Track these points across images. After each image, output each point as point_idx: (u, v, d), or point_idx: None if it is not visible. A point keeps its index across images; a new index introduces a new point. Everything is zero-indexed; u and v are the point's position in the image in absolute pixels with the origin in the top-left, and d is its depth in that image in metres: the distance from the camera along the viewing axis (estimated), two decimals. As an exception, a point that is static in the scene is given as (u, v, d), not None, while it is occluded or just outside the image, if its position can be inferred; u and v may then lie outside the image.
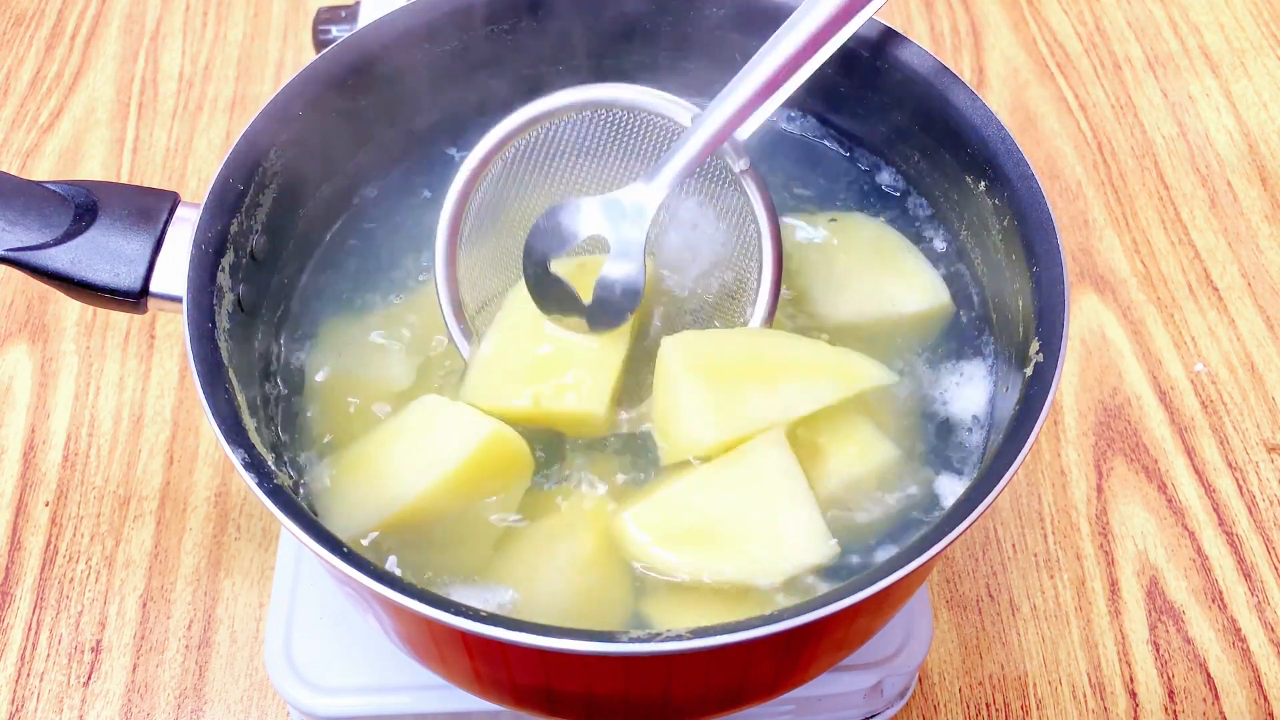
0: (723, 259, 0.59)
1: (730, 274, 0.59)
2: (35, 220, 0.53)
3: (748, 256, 0.58)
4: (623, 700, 0.52)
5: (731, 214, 0.58)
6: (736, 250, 0.59)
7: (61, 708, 0.68)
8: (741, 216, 0.58)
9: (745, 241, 0.58)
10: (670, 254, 0.59)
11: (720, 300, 0.59)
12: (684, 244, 0.59)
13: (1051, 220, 0.52)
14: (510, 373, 0.56)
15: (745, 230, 0.58)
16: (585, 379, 0.55)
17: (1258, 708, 0.69)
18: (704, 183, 0.59)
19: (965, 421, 0.58)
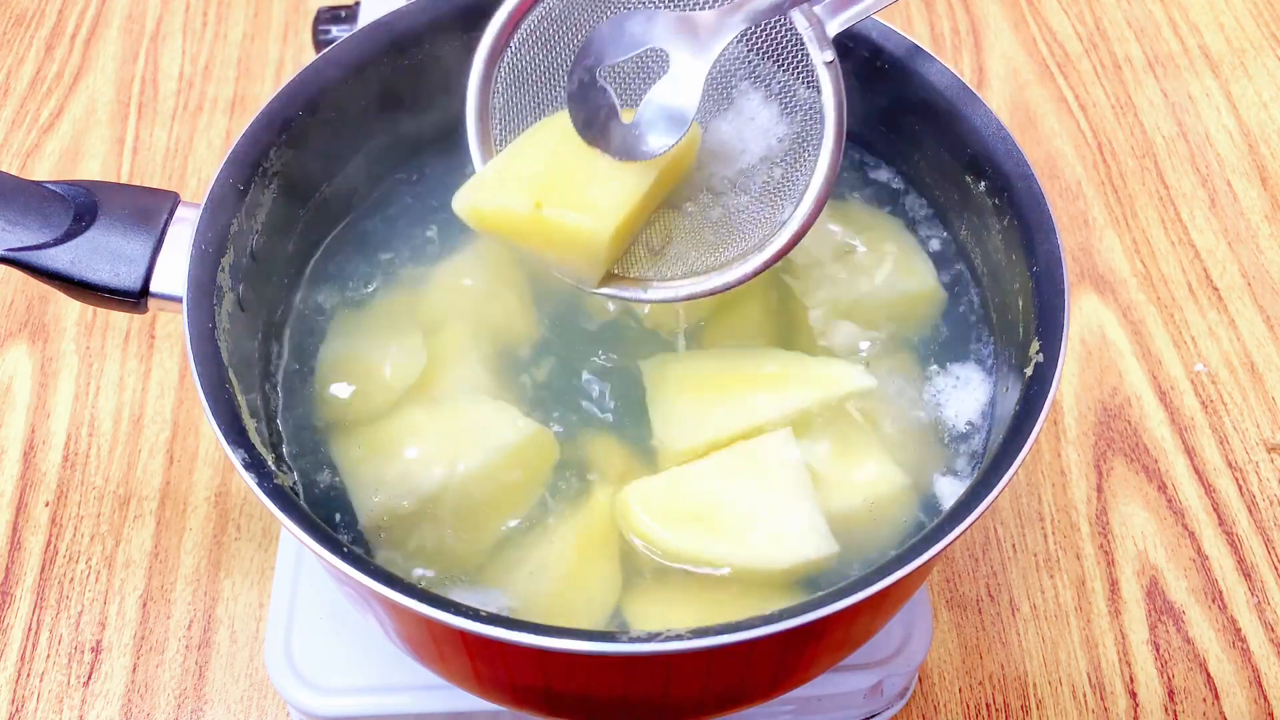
0: (774, 156, 0.56)
1: (779, 171, 0.55)
2: (35, 220, 0.53)
3: (801, 158, 0.55)
4: (622, 700, 0.52)
5: (798, 111, 0.55)
6: (792, 150, 0.55)
7: (61, 708, 0.68)
8: (808, 115, 0.54)
9: (804, 145, 0.55)
10: (720, 142, 0.56)
11: (759, 197, 0.55)
12: (737, 135, 0.56)
13: (1051, 220, 0.52)
14: (517, 177, 0.52)
15: (808, 129, 0.55)
16: (596, 197, 0.51)
17: (1258, 708, 0.69)
18: (779, 71, 0.55)
19: (965, 421, 0.58)
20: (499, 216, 0.51)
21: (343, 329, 0.61)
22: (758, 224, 0.54)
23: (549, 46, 0.56)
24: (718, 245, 0.55)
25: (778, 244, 0.53)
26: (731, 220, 0.55)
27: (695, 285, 0.54)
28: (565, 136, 0.52)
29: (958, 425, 0.58)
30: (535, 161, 0.52)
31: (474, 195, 0.52)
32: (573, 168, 0.51)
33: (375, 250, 0.64)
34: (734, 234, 0.54)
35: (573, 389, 0.59)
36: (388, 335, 0.60)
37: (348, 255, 0.64)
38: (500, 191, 0.51)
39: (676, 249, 0.55)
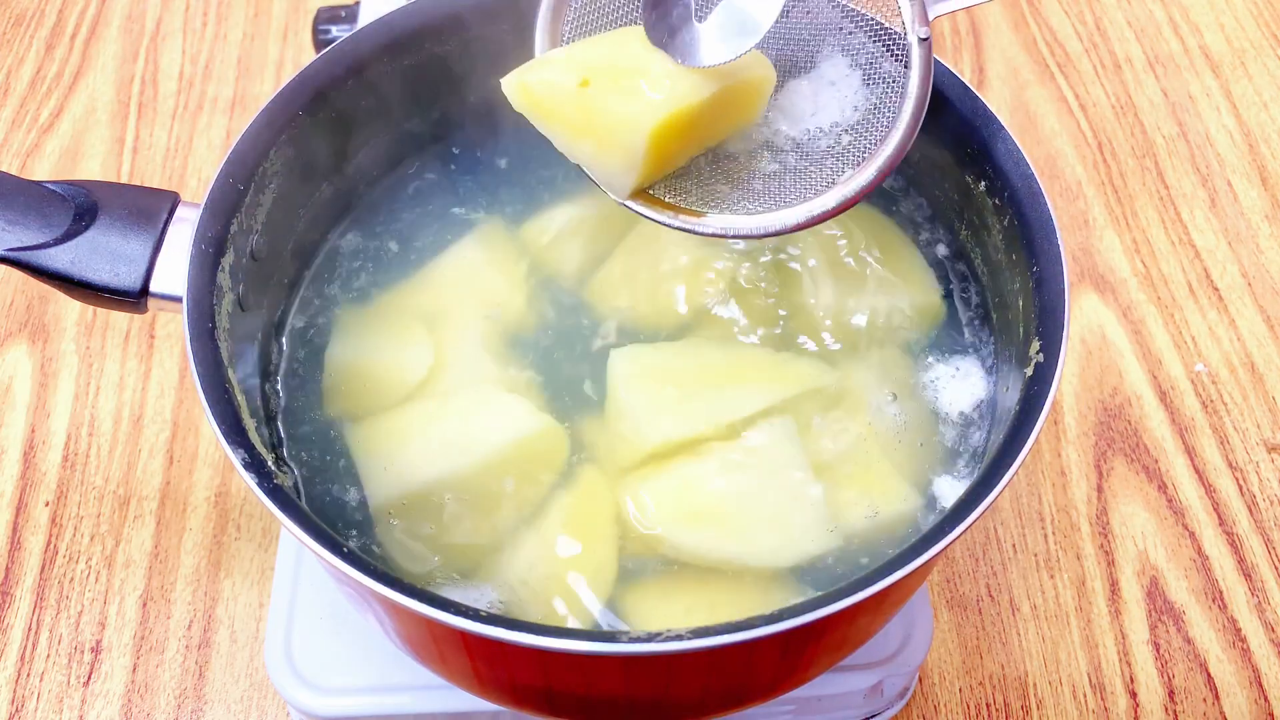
0: (847, 123, 0.54)
1: (847, 139, 0.54)
2: (35, 220, 0.53)
3: (872, 129, 0.53)
4: (623, 700, 0.52)
5: (881, 84, 0.54)
6: (867, 119, 0.54)
7: (61, 708, 0.68)
8: (889, 89, 0.53)
9: (879, 114, 0.53)
10: (791, 101, 0.55)
11: (819, 161, 0.54)
12: (812, 96, 0.55)
13: (1052, 220, 0.52)
14: (572, 58, 0.50)
15: (885, 103, 0.53)
16: (646, 89, 0.48)
17: (1258, 708, 0.69)
18: (869, 42, 0.54)
19: (965, 421, 0.58)
20: (544, 92, 0.49)
21: (348, 327, 0.61)
22: (810, 186, 0.53)
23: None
24: (761, 195, 0.53)
25: (827, 203, 0.51)
26: (784, 176, 0.54)
27: (724, 224, 0.52)
28: (633, 36, 0.50)
29: (958, 425, 0.58)
30: (595, 50, 0.51)
31: (524, 72, 0.50)
32: (631, 60, 0.49)
33: (375, 249, 0.64)
34: (783, 190, 0.53)
35: (570, 375, 0.59)
36: (394, 331, 0.60)
37: (348, 254, 0.64)
38: (550, 67, 0.50)
39: (718, 189, 0.53)
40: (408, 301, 0.62)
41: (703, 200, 0.53)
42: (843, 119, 0.54)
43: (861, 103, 0.54)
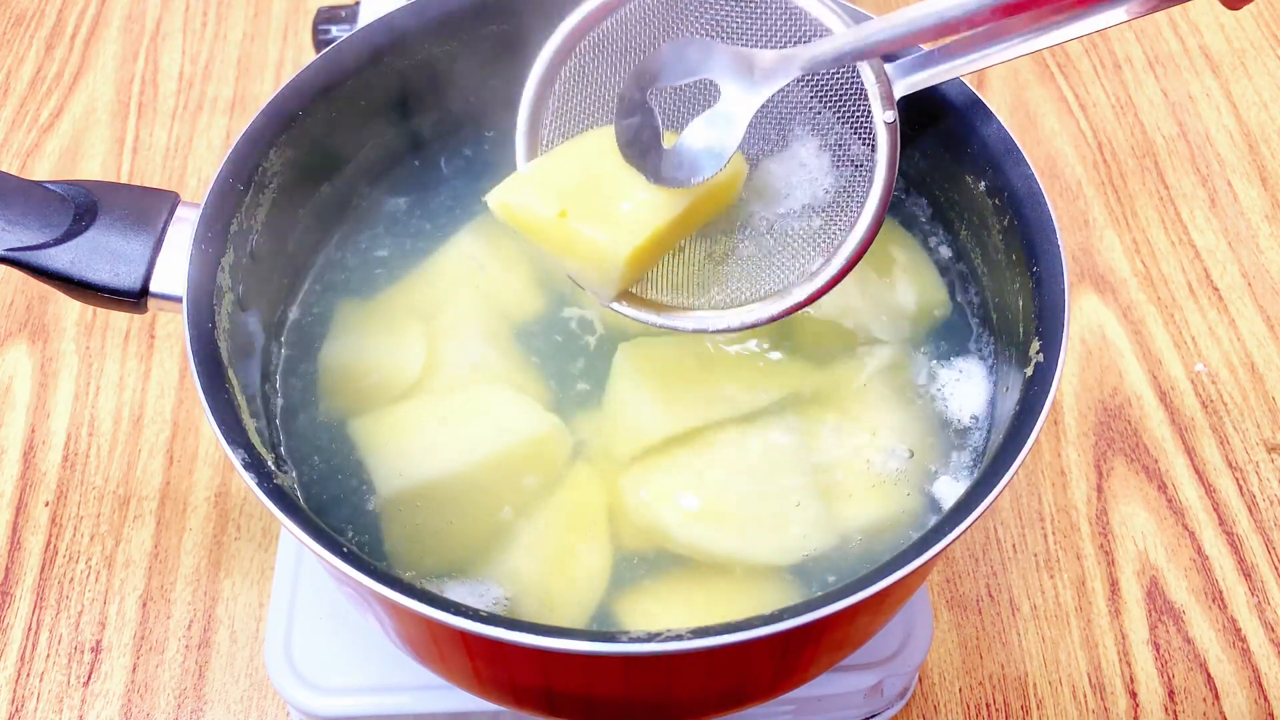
0: (817, 206, 0.55)
1: (818, 221, 0.55)
2: (35, 220, 0.53)
3: (843, 212, 0.54)
4: (623, 700, 0.52)
5: (849, 166, 0.55)
6: (836, 202, 0.55)
7: (61, 708, 0.68)
8: (857, 170, 0.54)
9: (849, 198, 0.54)
10: (764, 181, 0.56)
11: (793, 244, 0.55)
12: (784, 177, 0.56)
13: (1052, 220, 0.52)
14: (551, 182, 0.53)
15: (854, 185, 0.54)
16: (621, 215, 0.51)
17: (1258, 708, 0.69)
18: (837, 123, 0.55)
19: (965, 421, 0.58)
20: (526, 216, 0.52)
21: (346, 324, 0.61)
22: (785, 270, 0.54)
23: (615, 57, 0.56)
24: (741, 284, 0.55)
25: (797, 296, 0.53)
26: (761, 261, 0.55)
27: (704, 321, 0.54)
28: (609, 150, 0.52)
29: (958, 425, 0.58)
30: (572, 170, 0.53)
31: (507, 192, 0.52)
32: (607, 182, 0.52)
33: (375, 248, 0.64)
34: (760, 276, 0.54)
35: (569, 370, 0.59)
36: (391, 328, 0.60)
37: (348, 254, 0.64)
38: (531, 193, 0.52)
39: (699, 279, 0.55)
40: (407, 298, 0.62)
41: (683, 291, 0.55)
42: (814, 200, 0.55)
43: (831, 184, 0.55)
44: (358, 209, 0.65)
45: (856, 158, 0.54)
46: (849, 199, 0.54)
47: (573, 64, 0.55)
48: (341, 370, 0.59)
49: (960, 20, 0.47)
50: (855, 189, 0.54)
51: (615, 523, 0.55)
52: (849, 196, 0.54)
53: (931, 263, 0.63)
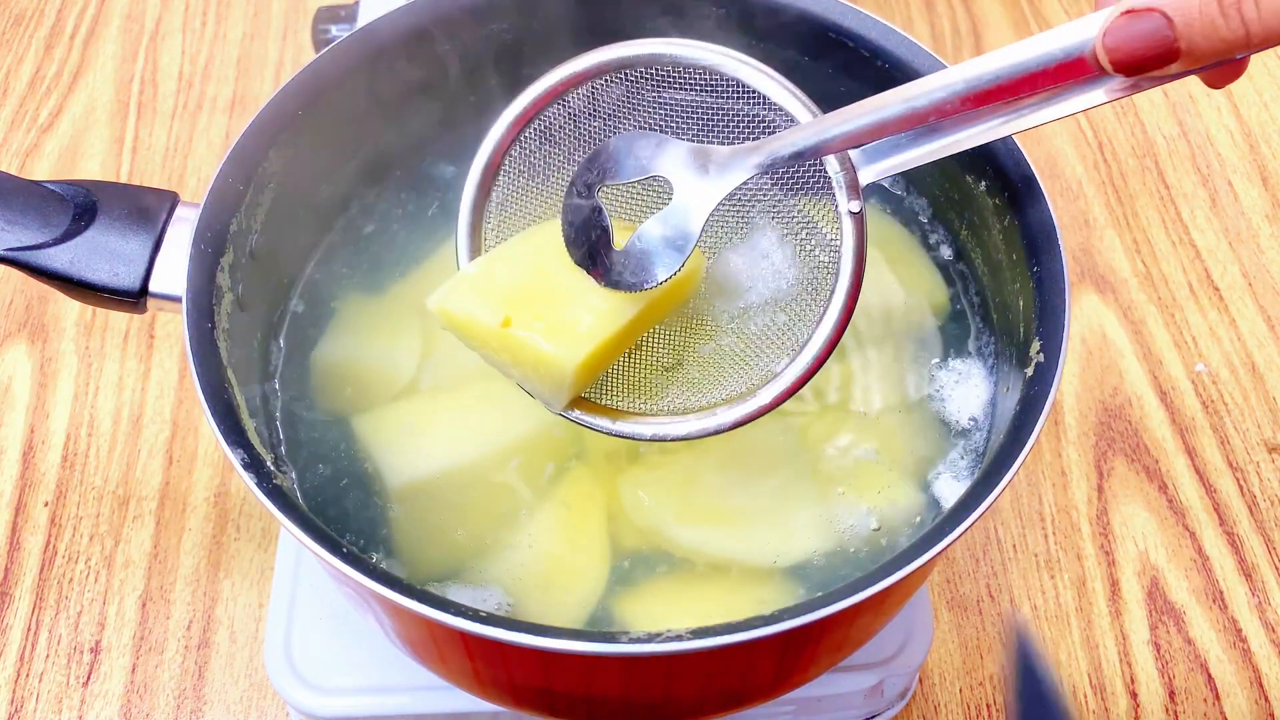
0: (781, 300, 0.52)
1: (783, 317, 0.51)
2: (35, 220, 0.53)
3: (809, 308, 0.51)
4: (623, 700, 0.52)
5: (814, 258, 0.51)
6: (801, 297, 0.51)
7: (61, 708, 0.68)
8: (824, 265, 0.50)
9: (814, 293, 0.51)
10: (726, 274, 0.53)
11: (756, 342, 0.52)
12: (746, 269, 0.52)
13: (1052, 220, 0.52)
14: (494, 286, 0.49)
15: (820, 278, 0.51)
16: (569, 325, 0.48)
17: (1258, 708, 0.69)
18: (800, 212, 0.51)
19: (965, 421, 0.58)
20: (468, 325, 0.49)
21: (346, 323, 0.61)
22: (747, 372, 0.51)
23: (564, 145, 0.53)
24: (701, 385, 0.51)
25: (761, 400, 0.49)
26: (722, 361, 0.52)
27: (663, 428, 0.50)
28: (557, 248, 0.49)
29: (958, 425, 0.58)
30: (517, 271, 0.50)
31: (448, 297, 0.49)
32: (553, 287, 0.49)
33: (375, 248, 0.64)
34: (722, 377, 0.51)
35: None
36: (390, 325, 0.60)
37: (348, 253, 0.64)
38: (473, 299, 0.49)
39: (656, 381, 0.52)
40: (407, 296, 0.62)
41: (639, 394, 0.52)
42: (778, 294, 0.52)
43: (796, 277, 0.51)
44: (358, 209, 0.65)
45: (821, 249, 0.50)
46: (815, 293, 0.50)
47: (517, 153, 0.52)
48: (340, 368, 0.59)
49: (927, 111, 0.45)
50: (821, 282, 0.50)
51: (614, 524, 0.55)
52: (815, 290, 0.50)
53: (932, 262, 0.63)
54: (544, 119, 0.52)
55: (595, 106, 0.52)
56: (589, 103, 0.52)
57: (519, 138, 0.52)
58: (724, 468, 0.55)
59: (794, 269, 0.51)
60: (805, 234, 0.51)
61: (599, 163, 0.48)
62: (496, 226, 0.53)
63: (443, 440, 0.56)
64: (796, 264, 0.51)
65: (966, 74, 0.44)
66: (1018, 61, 0.43)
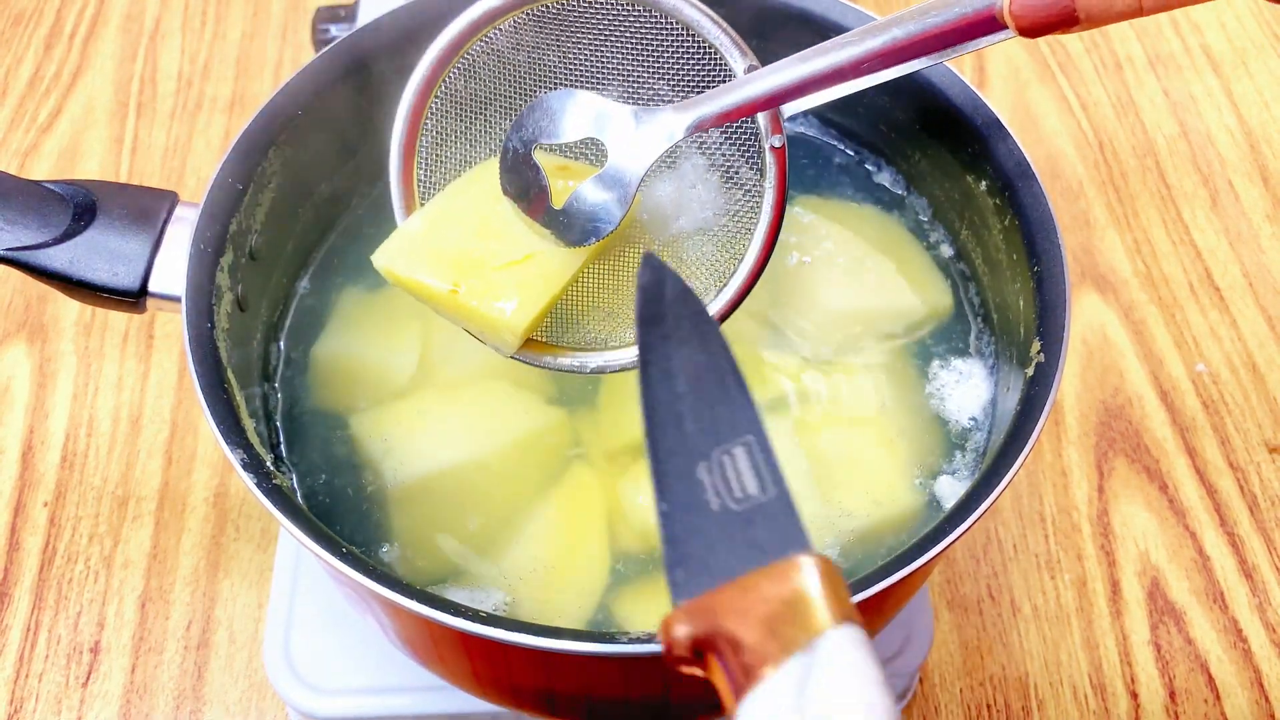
0: (709, 229, 0.54)
1: (710, 248, 0.54)
2: (34, 220, 0.53)
3: (735, 238, 0.53)
4: (623, 700, 0.52)
5: (739, 189, 0.53)
6: (728, 226, 0.53)
7: (60, 708, 0.68)
8: (749, 196, 0.52)
9: (740, 222, 0.53)
10: (655, 202, 0.54)
11: (691, 266, 0.54)
12: (674, 198, 0.54)
13: (1053, 220, 0.52)
14: (439, 250, 0.51)
15: (745, 211, 0.53)
16: (515, 287, 0.50)
17: (1259, 708, 0.69)
18: (724, 143, 0.53)
19: (966, 421, 0.58)
20: (418, 288, 0.51)
21: (345, 322, 0.61)
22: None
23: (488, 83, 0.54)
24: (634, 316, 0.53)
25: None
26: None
27: (604, 358, 0.53)
28: (493, 200, 0.51)
29: (959, 425, 0.58)
30: (459, 231, 0.51)
31: (394, 259, 0.51)
32: (496, 246, 0.50)
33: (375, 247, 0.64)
34: None
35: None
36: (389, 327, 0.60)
37: (348, 253, 0.64)
38: (420, 264, 0.50)
39: (594, 316, 0.53)
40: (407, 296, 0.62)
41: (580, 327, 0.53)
42: (704, 224, 0.54)
43: (722, 208, 0.53)
44: (357, 208, 0.65)
45: (746, 181, 0.52)
46: (740, 224, 0.52)
47: (443, 92, 0.53)
48: (340, 368, 0.59)
49: (848, 67, 0.48)
50: (746, 215, 0.52)
51: (614, 524, 0.55)
52: (739, 221, 0.53)
53: (932, 262, 0.63)
54: (467, 58, 0.53)
55: (519, 41, 0.53)
56: (512, 39, 0.53)
57: (443, 78, 0.53)
58: None
59: (720, 199, 0.53)
60: (729, 167, 0.53)
61: (533, 121, 0.49)
62: (430, 174, 0.54)
63: (442, 440, 0.56)
64: (723, 194, 0.53)
65: (887, 34, 0.48)
66: (934, 20, 0.47)
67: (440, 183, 0.54)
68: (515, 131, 0.50)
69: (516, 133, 0.50)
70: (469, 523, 0.55)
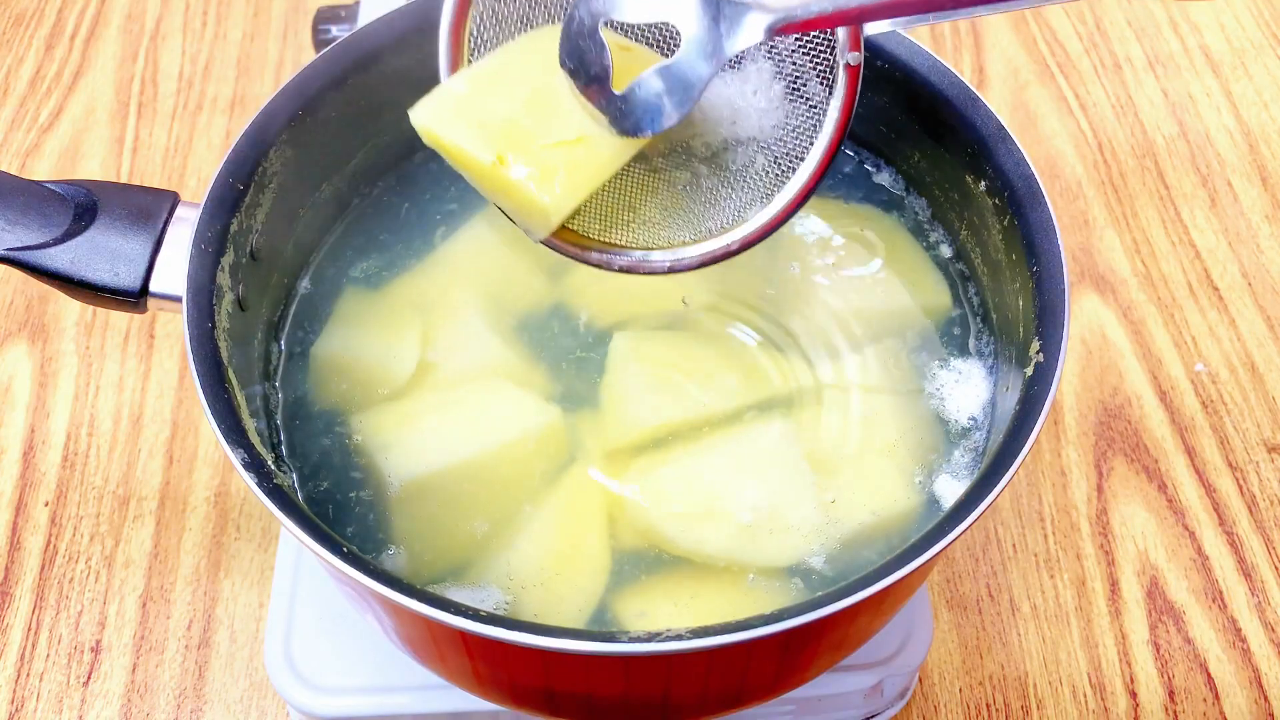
0: (764, 141, 0.51)
1: (763, 158, 0.51)
2: (35, 220, 0.53)
3: (791, 150, 0.50)
4: (623, 700, 0.52)
5: (804, 102, 0.50)
6: (784, 140, 0.50)
7: (61, 708, 0.68)
8: (812, 111, 0.50)
9: (799, 138, 0.50)
10: (711, 103, 0.51)
11: (732, 180, 0.51)
12: (732, 102, 0.51)
13: (1052, 220, 0.52)
14: (486, 115, 0.47)
15: (805, 128, 0.50)
16: (561, 169, 0.47)
17: (1258, 708, 0.69)
18: (796, 52, 0.50)
19: (965, 421, 0.58)
20: (457, 153, 0.47)
21: (345, 322, 0.61)
22: (720, 210, 0.50)
23: None
24: (672, 217, 0.51)
25: (726, 240, 0.49)
26: (696, 196, 0.51)
27: (634, 258, 0.51)
28: (548, 71, 0.47)
29: (958, 425, 0.58)
30: (508, 98, 0.47)
31: (435, 119, 0.47)
32: (546, 122, 0.47)
33: (375, 247, 0.64)
34: (693, 213, 0.51)
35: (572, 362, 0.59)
36: (389, 326, 0.60)
37: (348, 252, 0.64)
38: (464, 129, 0.47)
39: (631, 214, 0.51)
40: (407, 294, 0.62)
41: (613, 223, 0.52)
42: (760, 134, 0.51)
43: (780, 121, 0.50)
44: (358, 208, 0.65)
45: (812, 97, 0.49)
46: (798, 141, 0.50)
47: None
48: (340, 367, 0.60)
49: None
50: (805, 131, 0.49)
51: (614, 524, 0.55)
52: (799, 138, 0.50)
53: (931, 263, 0.63)
54: None
55: None
56: None
57: None
58: (723, 467, 0.55)
59: (780, 111, 0.50)
60: (798, 79, 0.50)
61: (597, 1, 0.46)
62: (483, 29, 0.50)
63: (443, 438, 0.56)
64: (784, 106, 0.50)
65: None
66: None
67: (493, 41, 0.51)
68: (584, 3, 0.46)
69: (586, 2, 0.46)
70: (469, 522, 0.55)
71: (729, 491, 0.54)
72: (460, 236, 0.64)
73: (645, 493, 0.54)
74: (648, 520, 0.54)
